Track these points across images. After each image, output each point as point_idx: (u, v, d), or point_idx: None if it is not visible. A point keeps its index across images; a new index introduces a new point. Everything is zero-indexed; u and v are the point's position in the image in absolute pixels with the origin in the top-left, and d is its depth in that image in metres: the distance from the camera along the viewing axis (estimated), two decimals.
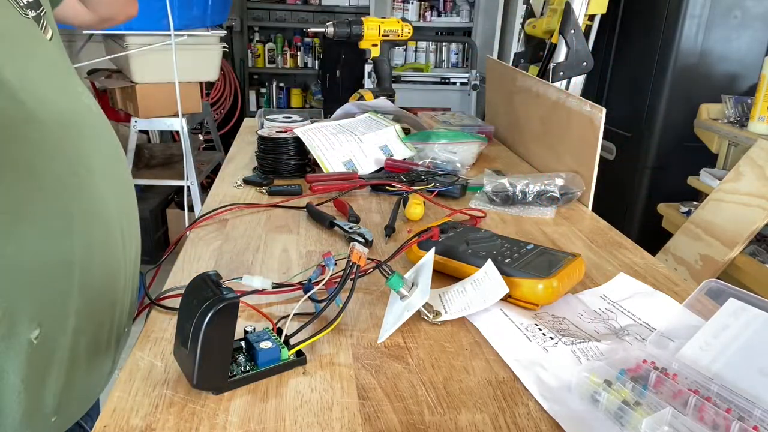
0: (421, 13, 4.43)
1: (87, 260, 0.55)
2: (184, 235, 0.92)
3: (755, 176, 1.67)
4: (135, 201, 0.68)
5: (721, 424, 0.48)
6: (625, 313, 0.71)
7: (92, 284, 0.56)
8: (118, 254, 0.61)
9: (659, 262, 0.88)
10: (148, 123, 2.48)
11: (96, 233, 0.56)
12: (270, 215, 0.99)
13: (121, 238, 0.61)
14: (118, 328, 0.64)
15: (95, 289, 0.56)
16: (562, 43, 1.90)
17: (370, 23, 1.54)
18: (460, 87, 3.67)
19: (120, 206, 0.61)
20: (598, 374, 0.53)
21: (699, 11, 2.08)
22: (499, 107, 1.65)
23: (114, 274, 0.60)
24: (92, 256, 0.56)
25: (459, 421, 0.51)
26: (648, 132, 2.25)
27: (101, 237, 0.57)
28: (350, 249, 0.65)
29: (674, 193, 2.10)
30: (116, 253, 0.60)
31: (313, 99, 4.73)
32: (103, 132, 0.61)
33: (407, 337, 0.64)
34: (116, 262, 0.60)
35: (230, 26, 4.42)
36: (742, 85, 2.17)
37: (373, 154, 1.22)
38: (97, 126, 0.60)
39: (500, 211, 1.05)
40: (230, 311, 0.51)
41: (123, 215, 0.62)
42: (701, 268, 1.71)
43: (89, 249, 0.55)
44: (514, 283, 0.69)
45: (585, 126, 1.10)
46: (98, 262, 0.57)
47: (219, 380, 0.53)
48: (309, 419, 0.51)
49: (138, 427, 0.49)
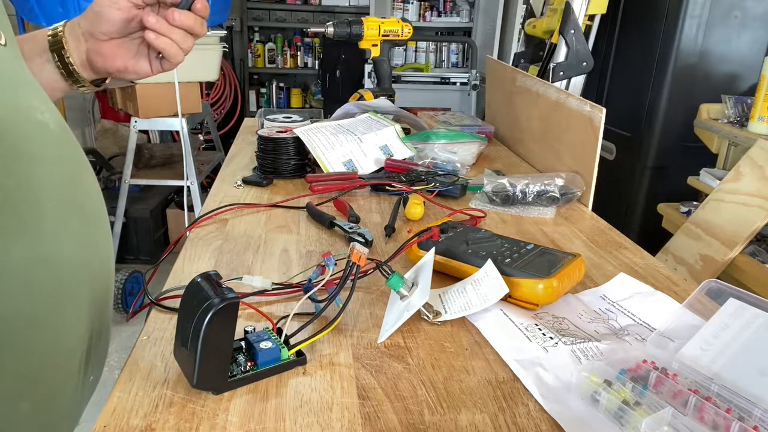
0: (421, 13, 4.43)
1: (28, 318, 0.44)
2: (184, 235, 0.92)
3: (755, 176, 1.67)
4: (108, 233, 0.58)
5: (721, 424, 0.48)
6: (625, 313, 0.71)
7: (31, 347, 0.45)
8: (73, 304, 0.49)
9: (659, 262, 0.88)
10: (148, 123, 2.48)
11: (42, 282, 0.46)
12: (270, 215, 0.99)
13: (79, 285, 0.50)
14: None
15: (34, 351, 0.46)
16: (562, 43, 1.91)
17: (370, 23, 1.54)
18: (460, 87, 3.67)
19: (81, 249, 0.51)
20: (598, 374, 0.53)
21: (699, 11, 2.08)
22: (499, 107, 1.65)
23: (64, 338, 0.49)
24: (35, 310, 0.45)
25: (459, 421, 0.51)
26: (648, 132, 2.25)
27: (50, 286, 0.47)
28: (350, 249, 0.65)
29: (674, 193, 2.10)
30: (69, 302, 0.49)
31: (313, 99, 4.73)
32: (59, 154, 0.51)
33: (407, 337, 0.64)
34: (68, 318, 0.49)
35: (230, 26, 4.42)
36: (742, 85, 2.17)
37: (373, 154, 1.22)
38: (49, 146, 0.50)
39: (500, 211, 1.05)
40: (230, 311, 0.51)
41: (85, 258, 0.51)
42: (701, 268, 1.71)
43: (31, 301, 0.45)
44: (514, 283, 0.69)
45: (585, 126, 1.10)
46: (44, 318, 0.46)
47: (219, 380, 0.53)
48: (309, 419, 0.51)
49: (138, 427, 0.49)
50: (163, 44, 0.69)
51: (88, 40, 0.69)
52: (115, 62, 0.70)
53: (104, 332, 0.57)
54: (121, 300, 2.34)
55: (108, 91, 2.68)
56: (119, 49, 0.70)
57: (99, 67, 0.71)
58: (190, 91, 2.48)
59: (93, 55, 0.70)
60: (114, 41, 0.70)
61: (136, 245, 2.86)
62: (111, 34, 0.69)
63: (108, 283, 0.57)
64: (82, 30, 0.69)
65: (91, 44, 0.69)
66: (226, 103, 4.21)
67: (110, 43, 0.70)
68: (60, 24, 0.70)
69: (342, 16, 4.49)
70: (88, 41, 0.69)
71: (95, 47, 0.69)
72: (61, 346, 0.49)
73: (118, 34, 0.70)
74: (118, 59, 0.71)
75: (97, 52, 0.70)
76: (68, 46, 0.69)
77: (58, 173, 0.50)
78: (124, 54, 0.71)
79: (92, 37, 0.69)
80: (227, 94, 4.21)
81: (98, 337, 0.55)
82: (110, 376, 2.13)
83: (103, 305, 0.56)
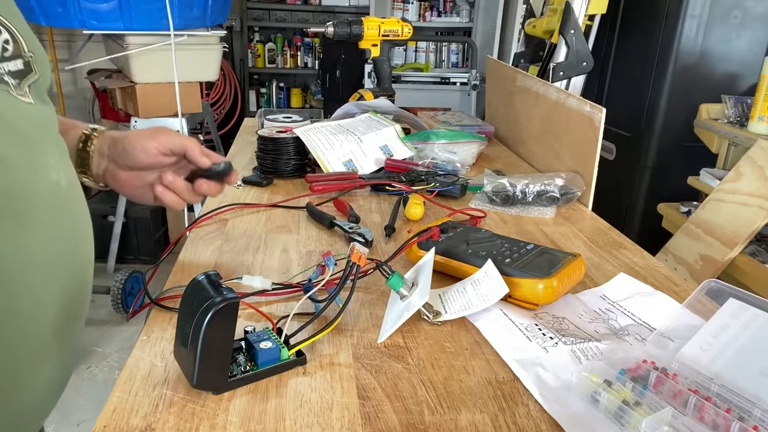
0: (421, 13, 4.43)
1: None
2: (184, 234, 0.92)
3: (755, 176, 1.67)
4: (88, 287, 0.61)
5: (721, 424, 0.48)
6: (625, 313, 0.71)
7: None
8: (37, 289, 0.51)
9: (659, 262, 0.88)
10: (148, 123, 2.48)
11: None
12: (270, 215, 0.99)
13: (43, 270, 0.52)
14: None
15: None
16: (562, 43, 1.90)
17: (370, 23, 1.54)
18: (460, 87, 3.66)
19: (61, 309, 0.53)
20: (598, 374, 0.53)
21: (699, 11, 2.08)
22: (499, 107, 1.65)
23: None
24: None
25: (459, 421, 0.51)
26: (648, 132, 2.25)
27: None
28: (350, 249, 0.65)
29: (674, 193, 2.10)
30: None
31: (313, 99, 4.73)
32: (63, 214, 0.54)
33: (407, 337, 0.64)
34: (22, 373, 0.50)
35: (230, 26, 4.41)
36: (742, 85, 2.17)
37: (373, 154, 1.22)
38: (56, 207, 0.53)
39: (500, 211, 1.05)
40: (230, 311, 0.51)
41: (63, 319, 0.53)
42: (701, 268, 1.71)
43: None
44: (514, 283, 0.69)
45: (585, 126, 1.10)
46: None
47: (219, 380, 0.53)
48: (309, 419, 0.51)
49: (138, 427, 0.49)
50: (168, 200, 0.75)
51: (109, 163, 0.75)
52: (124, 188, 0.76)
53: (75, 323, 0.58)
54: (121, 300, 2.34)
55: (108, 91, 2.68)
56: (133, 179, 0.76)
57: (109, 184, 0.76)
58: (190, 91, 2.48)
59: (108, 176, 0.75)
60: (132, 172, 0.75)
61: (136, 245, 2.86)
62: (132, 168, 0.75)
63: (82, 275, 0.58)
64: (108, 152, 0.74)
65: (111, 167, 0.75)
66: (226, 103, 4.21)
67: (128, 173, 0.75)
68: (97, 132, 0.75)
69: (342, 16, 4.48)
70: (109, 164, 0.75)
71: (113, 172, 0.75)
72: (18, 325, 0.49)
73: (138, 169, 0.75)
74: (127, 186, 0.76)
75: (114, 176, 0.75)
76: (92, 157, 0.74)
77: (57, 236, 0.53)
78: (135, 183, 0.76)
79: (114, 163, 0.75)
80: (227, 94, 4.21)
81: (67, 327, 0.56)
82: (110, 376, 2.13)
83: (74, 297, 0.56)
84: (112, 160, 0.74)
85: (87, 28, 2.16)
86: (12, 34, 0.53)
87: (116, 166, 0.75)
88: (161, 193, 0.74)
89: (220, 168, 0.74)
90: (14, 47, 0.53)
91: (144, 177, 0.76)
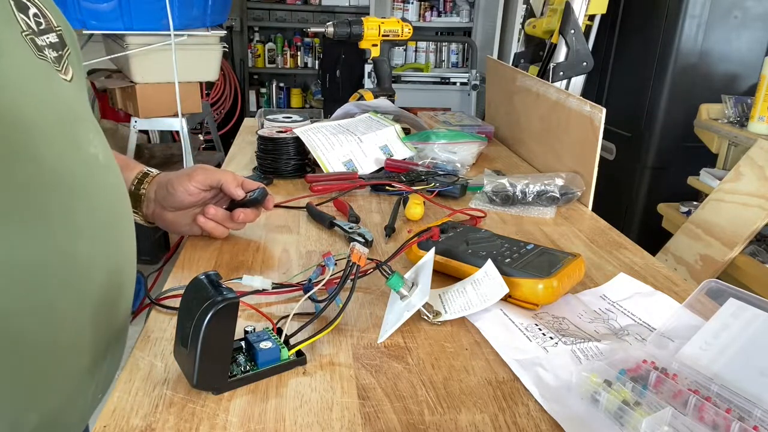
0: (421, 13, 4.43)
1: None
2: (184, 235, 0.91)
3: (755, 176, 1.67)
4: (133, 263, 0.62)
5: (721, 424, 0.48)
6: (625, 313, 0.71)
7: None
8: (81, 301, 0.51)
9: (659, 262, 0.88)
10: (148, 123, 2.49)
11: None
12: (270, 215, 0.99)
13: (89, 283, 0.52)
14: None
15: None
16: (562, 43, 1.91)
17: (370, 23, 1.54)
18: (460, 87, 3.67)
19: (111, 272, 0.55)
20: (598, 374, 0.53)
21: (699, 11, 2.08)
22: (499, 107, 1.65)
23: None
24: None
25: (459, 421, 0.51)
26: (648, 132, 2.25)
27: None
28: (350, 249, 0.65)
29: (674, 193, 2.10)
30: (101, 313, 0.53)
31: (313, 99, 4.73)
32: (103, 186, 0.55)
33: (407, 337, 0.64)
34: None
35: (230, 26, 4.42)
36: (742, 85, 2.17)
37: (373, 154, 1.22)
38: (96, 179, 0.54)
39: (500, 211, 1.05)
40: (230, 311, 0.51)
41: (113, 284, 0.55)
42: (701, 268, 1.71)
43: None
44: (514, 283, 0.69)
45: (585, 126, 1.10)
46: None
47: (219, 380, 0.53)
48: (309, 419, 0.51)
49: (138, 427, 0.49)
50: (211, 228, 0.82)
51: (156, 206, 0.80)
52: (172, 227, 0.83)
53: (115, 343, 0.58)
54: None
55: (108, 91, 2.68)
56: (180, 218, 0.82)
57: (158, 224, 0.83)
58: (190, 91, 2.48)
59: (156, 217, 0.82)
60: (178, 212, 0.82)
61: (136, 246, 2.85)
62: (178, 209, 0.81)
63: (122, 285, 0.59)
64: (155, 197, 0.80)
65: (158, 210, 0.81)
66: (226, 103, 4.21)
67: (175, 213, 0.81)
68: (148, 176, 0.81)
69: (342, 16, 4.49)
70: (156, 207, 0.81)
71: (161, 214, 0.81)
72: (64, 342, 0.49)
73: (183, 209, 0.82)
74: (176, 226, 0.83)
75: (161, 217, 0.81)
76: (143, 201, 0.80)
77: (99, 207, 0.55)
78: (181, 221, 0.83)
79: (160, 206, 0.80)
80: (227, 94, 4.22)
81: (107, 347, 0.56)
82: None
83: (115, 309, 0.57)
84: (158, 203, 0.80)
85: (87, 28, 2.16)
86: (39, 8, 0.52)
87: (163, 209, 0.80)
88: (203, 223, 0.81)
89: (254, 196, 0.81)
90: (45, 21, 0.52)
91: (189, 214, 0.82)
